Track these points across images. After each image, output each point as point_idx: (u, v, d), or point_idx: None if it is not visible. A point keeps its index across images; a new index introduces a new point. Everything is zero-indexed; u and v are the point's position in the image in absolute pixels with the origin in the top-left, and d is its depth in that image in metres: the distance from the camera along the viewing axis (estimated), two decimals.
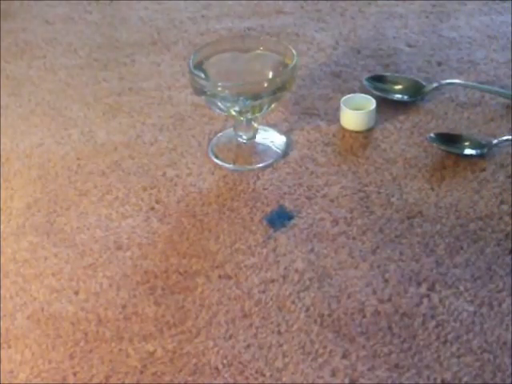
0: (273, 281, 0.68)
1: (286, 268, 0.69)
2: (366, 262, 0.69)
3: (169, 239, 0.73)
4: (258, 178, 0.80)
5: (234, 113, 0.79)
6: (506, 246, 0.70)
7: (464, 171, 0.79)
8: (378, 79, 0.92)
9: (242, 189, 0.79)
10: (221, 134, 0.87)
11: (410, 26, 1.06)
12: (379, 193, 0.77)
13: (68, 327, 0.65)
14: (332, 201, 0.76)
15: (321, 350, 0.62)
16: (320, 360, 0.61)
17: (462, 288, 0.66)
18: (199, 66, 0.81)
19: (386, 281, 0.67)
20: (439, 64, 0.97)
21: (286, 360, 0.61)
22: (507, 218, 0.72)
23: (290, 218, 0.75)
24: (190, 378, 0.60)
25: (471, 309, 0.64)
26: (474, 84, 0.91)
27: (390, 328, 0.63)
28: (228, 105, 0.78)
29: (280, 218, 0.75)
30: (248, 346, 0.62)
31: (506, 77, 0.93)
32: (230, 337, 0.63)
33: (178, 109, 0.93)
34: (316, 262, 0.70)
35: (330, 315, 0.64)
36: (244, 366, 0.61)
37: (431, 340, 0.62)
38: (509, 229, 0.71)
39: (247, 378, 0.60)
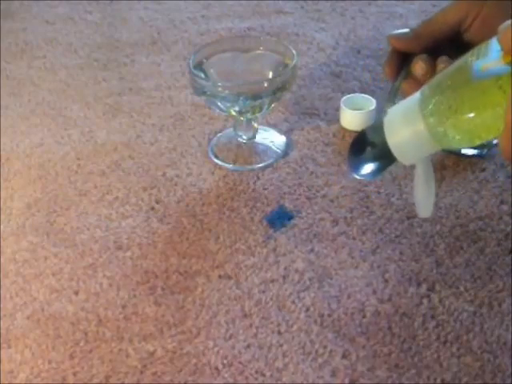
0: (273, 281, 0.68)
1: (285, 268, 0.69)
2: (366, 262, 0.69)
3: (169, 239, 0.73)
4: (258, 178, 0.80)
5: (234, 113, 0.79)
6: (506, 245, 0.70)
7: (464, 171, 0.79)
8: None
9: (242, 189, 0.79)
10: (221, 134, 0.87)
11: (410, 26, 1.06)
12: (379, 193, 0.77)
13: (68, 327, 0.65)
14: (332, 201, 0.77)
15: (321, 350, 0.62)
16: (320, 360, 0.61)
17: (462, 288, 0.66)
18: (199, 66, 0.81)
19: (386, 281, 0.67)
20: None
21: (286, 360, 0.61)
22: (507, 218, 0.72)
23: (290, 218, 0.75)
24: (190, 378, 0.60)
25: (471, 309, 0.64)
26: None
27: (389, 328, 0.63)
28: (228, 105, 0.78)
29: (280, 218, 0.75)
30: (248, 346, 0.62)
31: None
32: (230, 337, 0.63)
33: (178, 109, 0.93)
34: (316, 261, 0.70)
35: (330, 315, 0.64)
36: (244, 366, 0.61)
37: (431, 340, 0.62)
38: (509, 229, 0.71)
39: (247, 377, 0.60)
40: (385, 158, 0.54)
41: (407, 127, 0.52)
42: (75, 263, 0.71)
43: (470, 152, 0.80)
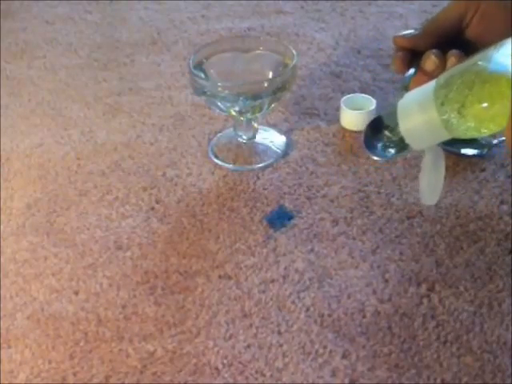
0: (273, 281, 0.68)
1: (285, 268, 0.69)
2: (366, 262, 0.69)
3: (169, 239, 0.73)
4: (258, 178, 0.80)
5: (234, 113, 0.79)
6: (506, 246, 0.70)
7: (464, 171, 0.79)
8: None
9: (242, 189, 0.79)
10: (221, 134, 0.87)
11: (410, 26, 1.05)
12: (379, 193, 0.77)
13: (68, 327, 0.65)
14: (332, 201, 0.77)
15: (321, 350, 0.62)
16: (320, 360, 0.61)
17: (461, 288, 0.66)
18: (199, 66, 0.81)
19: (386, 281, 0.67)
20: None
21: (286, 360, 0.61)
22: (507, 218, 0.72)
23: (290, 218, 0.75)
24: (190, 378, 0.60)
25: (471, 309, 0.64)
26: None
27: (389, 328, 0.63)
28: (228, 105, 0.78)
29: (280, 218, 0.75)
30: (248, 346, 0.62)
31: None
32: (230, 337, 0.63)
33: (178, 109, 0.93)
34: (316, 261, 0.70)
35: (330, 315, 0.64)
36: (244, 366, 0.61)
37: (431, 340, 0.62)
38: (509, 229, 0.71)
39: (247, 377, 0.60)
40: (401, 141, 0.55)
41: (420, 113, 0.53)
42: (75, 263, 0.71)
43: (470, 152, 0.80)
